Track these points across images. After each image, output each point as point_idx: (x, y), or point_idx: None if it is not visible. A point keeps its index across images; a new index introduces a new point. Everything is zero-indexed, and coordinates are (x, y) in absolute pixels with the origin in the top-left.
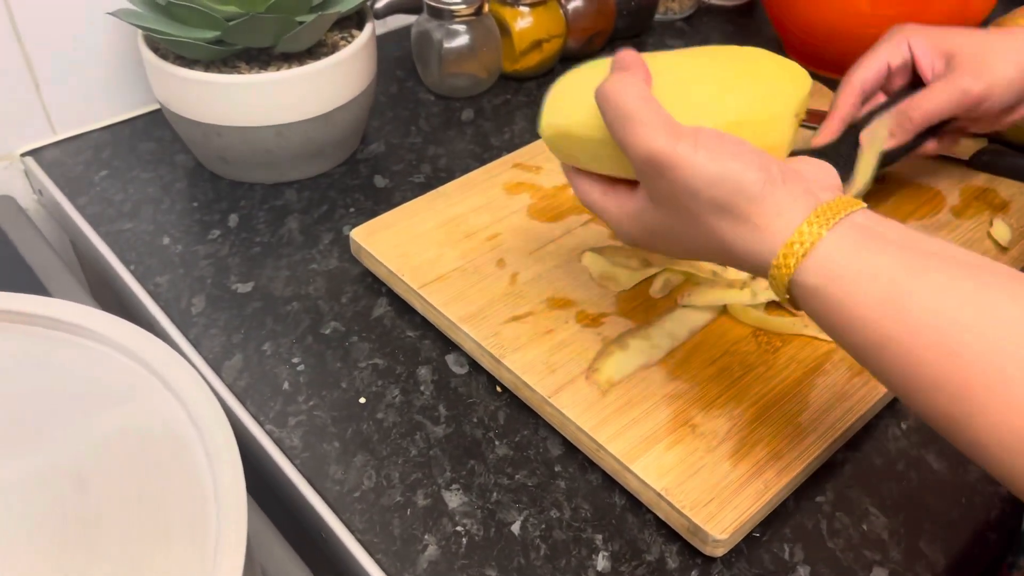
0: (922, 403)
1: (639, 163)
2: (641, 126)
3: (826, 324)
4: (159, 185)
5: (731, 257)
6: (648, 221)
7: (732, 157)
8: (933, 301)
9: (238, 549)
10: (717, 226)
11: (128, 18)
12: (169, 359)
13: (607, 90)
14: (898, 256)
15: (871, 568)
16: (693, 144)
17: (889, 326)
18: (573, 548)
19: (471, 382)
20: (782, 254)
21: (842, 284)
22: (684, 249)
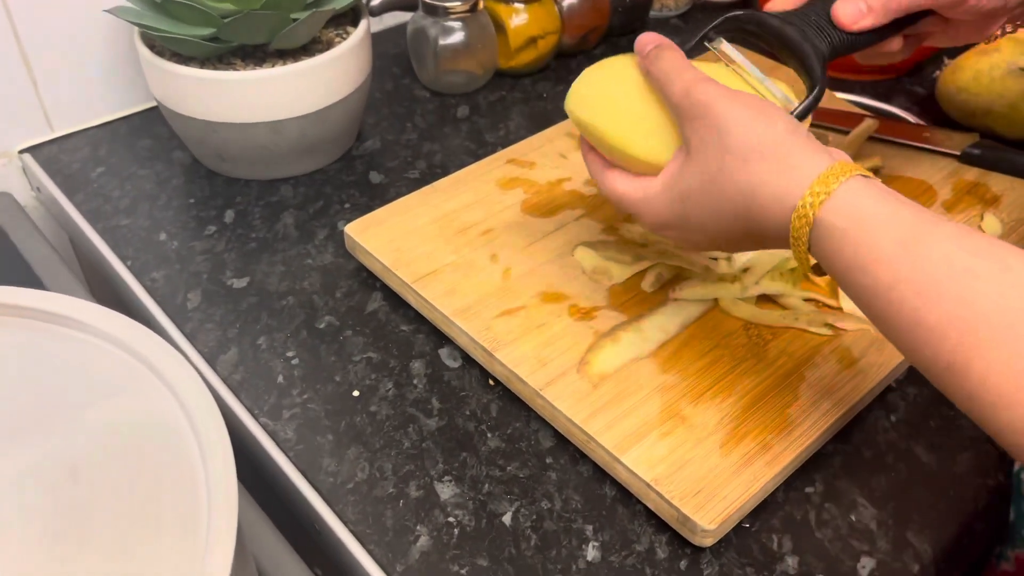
0: (923, 350)
1: (681, 108)
2: (684, 76)
3: (841, 264)
4: (156, 181)
5: (756, 208)
6: (684, 184)
7: (762, 106)
8: (948, 247)
9: (228, 539)
10: (745, 170)
11: (125, 15)
12: (163, 352)
13: (652, 59)
14: (914, 209)
15: (859, 558)
16: (730, 94)
17: (904, 267)
18: (564, 538)
19: (464, 375)
20: (810, 192)
21: (863, 224)
22: (715, 211)
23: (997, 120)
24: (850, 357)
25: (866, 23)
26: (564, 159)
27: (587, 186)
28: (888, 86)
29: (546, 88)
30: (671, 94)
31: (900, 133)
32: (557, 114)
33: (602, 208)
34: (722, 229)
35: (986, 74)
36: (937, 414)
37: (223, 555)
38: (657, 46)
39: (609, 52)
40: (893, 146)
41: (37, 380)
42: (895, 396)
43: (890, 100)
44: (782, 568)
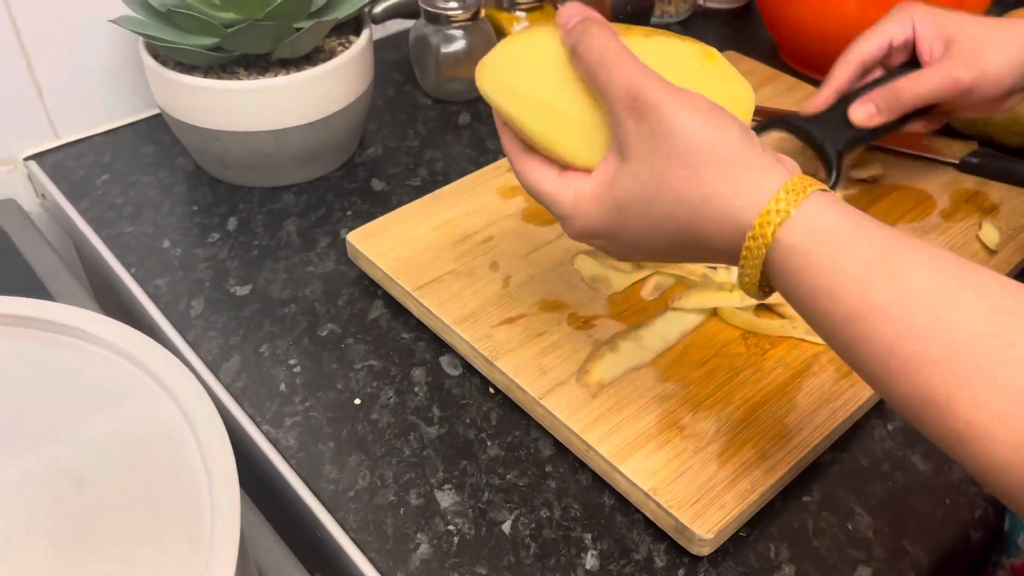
0: (897, 382)
1: (622, 105)
2: (622, 67)
3: (803, 291)
4: (159, 189)
5: (703, 223)
6: (620, 190)
7: (714, 109)
8: (921, 271)
9: (231, 546)
10: (694, 180)
11: (129, 25)
12: (165, 362)
13: (580, 37)
14: (881, 228)
15: (856, 566)
16: (679, 92)
17: (875, 293)
18: (563, 547)
19: (464, 383)
20: (767, 211)
21: (828, 245)
22: (654, 220)
23: (996, 128)
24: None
25: (876, 122)
26: None
27: None
28: None
29: None
30: (608, 86)
31: (899, 142)
32: None
33: None
34: (659, 242)
35: None
36: None
37: (226, 562)
38: (584, 20)
39: None
40: (892, 154)
41: (41, 389)
42: None
43: None
44: None
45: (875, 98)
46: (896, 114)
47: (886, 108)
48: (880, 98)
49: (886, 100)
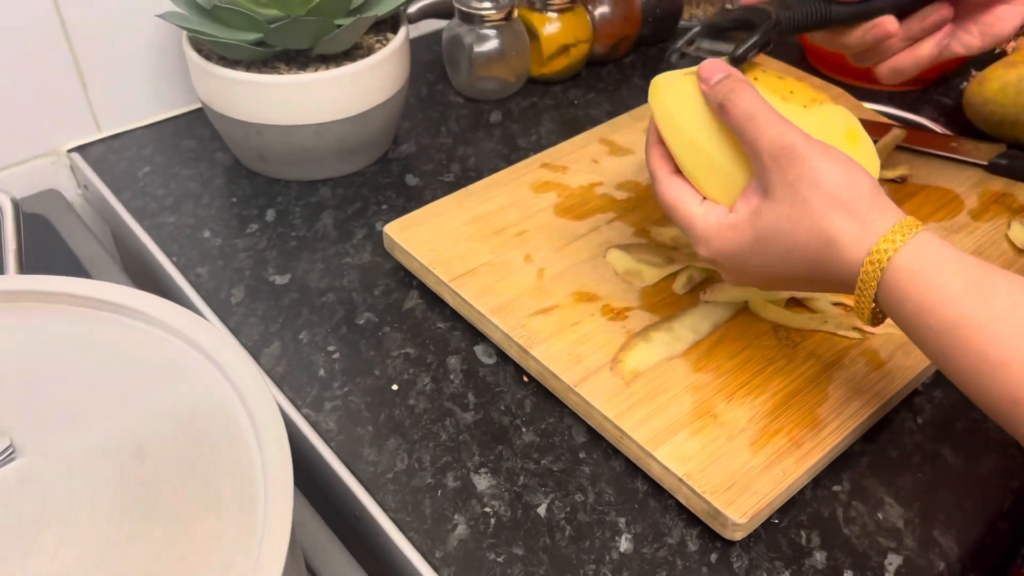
0: (989, 386)
1: (768, 153)
2: (771, 124)
3: (910, 308)
4: (199, 181)
5: (831, 254)
6: (758, 225)
7: (850, 162)
8: (1011, 287)
9: (285, 517)
10: (829, 218)
11: (174, 20)
12: (218, 340)
13: (729, 95)
14: (976, 259)
15: (886, 554)
16: (820, 146)
17: (970, 305)
18: (597, 530)
19: (499, 372)
20: (883, 240)
21: (934, 266)
22: (783, 254)
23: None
24: (878, 360)
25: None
26: (596, 164)
27: (619, 190)
28: (915, 97)
29: (577, 95)
30: (758, 139)
31: (927, 143)
32: (588, 121)
33: (634, 212)
34: (785, 271)
35: (1013, 86)
36: (963, 417)
37: (281, 532)
38: (727, 77)
39: (639, 61)
40: (920, 155)
41: (101, 366)
42: (922, 399)
43: (918, 111)
44: (810, 563)
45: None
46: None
47: None
48: None
49: None
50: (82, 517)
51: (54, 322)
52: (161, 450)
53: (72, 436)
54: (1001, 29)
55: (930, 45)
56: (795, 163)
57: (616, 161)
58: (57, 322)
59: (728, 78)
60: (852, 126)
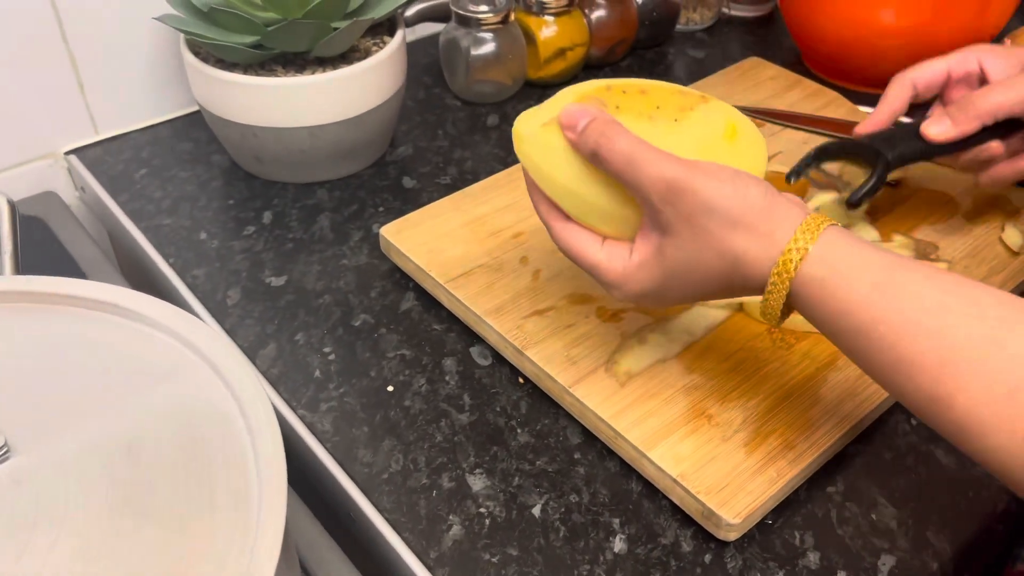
0: (906, 384)
1: (656, 194)
2: (650, 163)
3: (821, 312)
4: (196, 184)
5: (739, 270)
6: (665, 262)
7: (735, 176)
8: (919, 287)
9: (278, 516)
10: (730, 239)
11: (172, 23)
12: (212, 339)
13: (600, 141)
14: (884, 254)
15: (879, 555)
16: (703, 169)
17: (881, 308)
18: (591, 531)
19: (494, 373)
20: (787, 251)
21: (840, 271)
22: (697, 279)
23: None
24: None
25: (952, 135)
26: None
27: None
28: None
29: None
30: (640, 182)
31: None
32: None
33: None
34: (701, 292)
35: None
36: None
37: (275, 531)
38: (594, 122)
39: (636, 65)
40: None
41: (96, 366)
42: None
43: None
44: (804, 563)
45: (949, 111)
46: (972, 125)
47: (962, 118)
48: (955, 109)
49: (961, 109)
50: (77, 516)
51: (50, 322)
52: (155, 449)
53: (67, 435)
54: None
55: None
56: (684, 196)
57: None
58: (53, 322)
59: (593, 122)
60: (729, 121)
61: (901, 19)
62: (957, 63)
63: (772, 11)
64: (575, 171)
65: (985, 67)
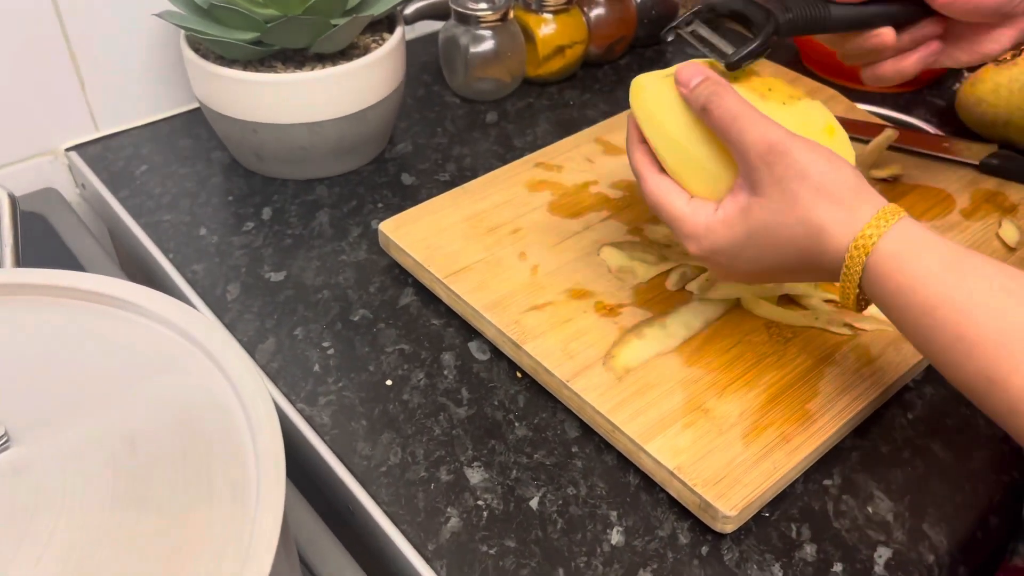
0: (963, 364)
1: (756, 153)
2: (755, 123)
3: (891, 288)
4: (196, 180)
5: (819, 242)
6: (748, 221)
7: (832, 155)
8: (987, 269)
9: (276, 507)
10: (816, 208)
11: (172, 19)
12: (211, 331)
13: (711, 97)
14: (955, 244)
15: (875, 547)
16: (803, 140)
17: (948, 285)
18: (589, 523)
19: (492, 367)
20: (869, 226)
21: (913, 250)
22: (773, 247)
23: (1016, 131)
24: (868, 356)
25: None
26: (591, 163)
27: (613, 189)
28: (908, 98)
29: (572, 96)
30: (743, 139)
31: (920, 143)
32: (583, 121)
33: (628, 210)
34: (773, 263)
35: (1005, 87)
36: (954, 413)
37: (272, 521)
38: (707, 80)
39: (634, 63)
40: (913, 155)
41: (95, 357)
42: (912, 395)
43: (910, 112)
44: (800, 555)
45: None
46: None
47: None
48: None
49: None
50: (76, 505)
51: (50, 314)
52: (154, 440)
53: (67, 426)
54: (990, 48)
55: (915, 58)
56: (781, 159)
57: (610, 160)
58: (52, 314)
59: (706, 80)
60: (829, 121)
61: None
62: None
63: None
64: (683, 123)
65: None
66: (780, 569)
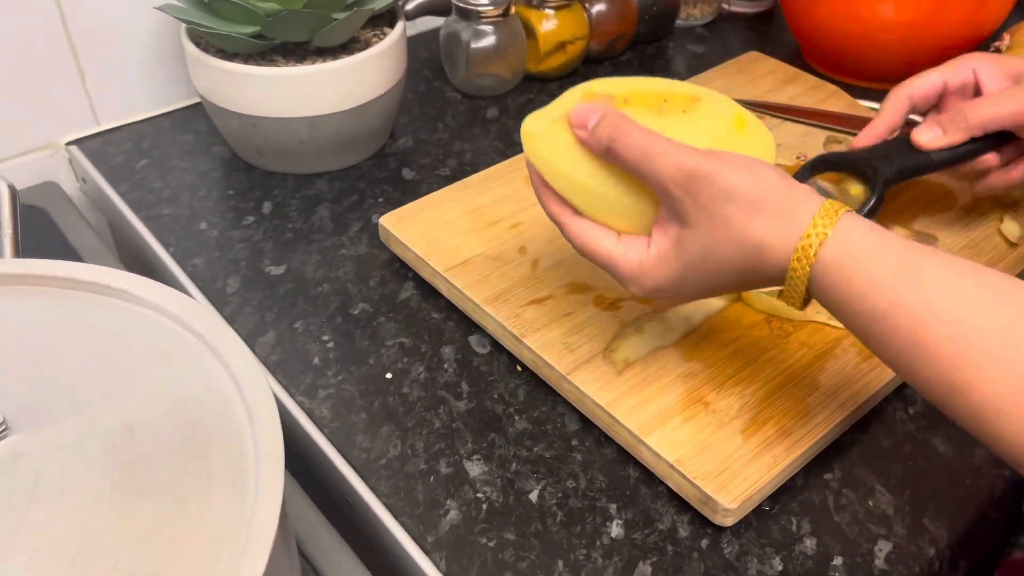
0: (922, 371)
1: (674, 185)
2: (666, 154)
3: (839, 296)
4: (196, 174)
5: (759, 259)
6: (684, 253)
7: (751, 163)
8: (938, 272)
9: (275, 496)
10: (751, 226)
11: (173, 13)
12: (211, 323)
13: (614, 136)
14: (903, 241)
15: (876, 541)
16: (719, 158)
17: (901, 291)
18: (588, 516)
19: (492, 361)
20: (806, 235)
21: (860, 256)
22: (716, 270)
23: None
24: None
25: (941, 143)
26: None
27: None
28: None
29: None
30: (657, 173)
31: None
32: None
33: None
34: (718, 284)
35: None
36: None
37: (271, 509)
38: (603, 117)
39: (636, 59)
40: None
41: (95, 347)
42: (912, 390)
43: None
44: (800, 549)
45: (940, 120)
46: (962, 136)
47: (952, 129)
48: (946, 120)
49: (952, 121)
50: (74, 493)
51: (49, 305)
52: (153, 429)
53: (66, 414)
54: None
55: (1021, 168)
56: (703, 186)
57: None
58: (52, 305)
59: (605, 118)
60: (737, 114)
61: (900, 14)
62: (952, 73)
63: (772, 7)
64: (588, 167)
65: (979, 76)
66: (780, 562)
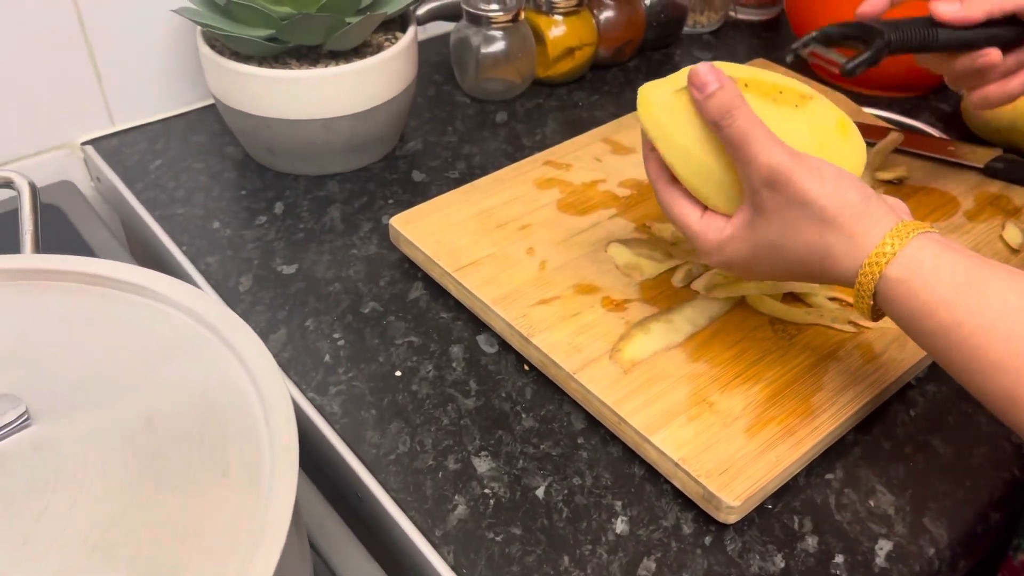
0: (985, 385)
1: (758, 177)
2: (761, 145)
3: (905, 311)
4: (210, 175)
5: (825, 264)
6: (755, 239)
7: (838, 177)
8: (1002, 291)
9: (290, 484)
10: (820, 235)
11: (189, 15)
12: (226, 318)
13: (725, 109)
14: (971, 258)
15: (876, 540)
16: (807, 163)
17: (963, 308)
18: (594, 512)
19: (500, 360)
20: (874, 254)
21: (924, 274)
22: (783, 261)
23: (1020, 136)
24: (872, 352)
25: (961, 16)
26: (599, 162)
27: (621, 187)
28: (914, 103)
29: (581, 97)
30: (749, 161)
31: (925, 146)
32: (592, 122)
33: (635, 208)
34: (788, 274)
35: None
36: (955, 410)
37: (286, 500)
38: (721, 91)
39: (643, 65)
40: (919, 159)
41: (113, 341)
42: (915, 392)
43: (916, 116)
44: (802, 547)
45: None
46: (980, 13)
47: (973, 3)
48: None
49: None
50: (94, 482)
51: (69, 299)
52: (171, 421)
53: (86, 406)
54: None
55: (1021, 79)
56: (783, 186)
57: (619, 159)
58: (72, 299)
59: (721, 90)
60: (841, 118)
61: None
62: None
63: (778, 14)
64: (695, 133)
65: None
66: (782, 560)
